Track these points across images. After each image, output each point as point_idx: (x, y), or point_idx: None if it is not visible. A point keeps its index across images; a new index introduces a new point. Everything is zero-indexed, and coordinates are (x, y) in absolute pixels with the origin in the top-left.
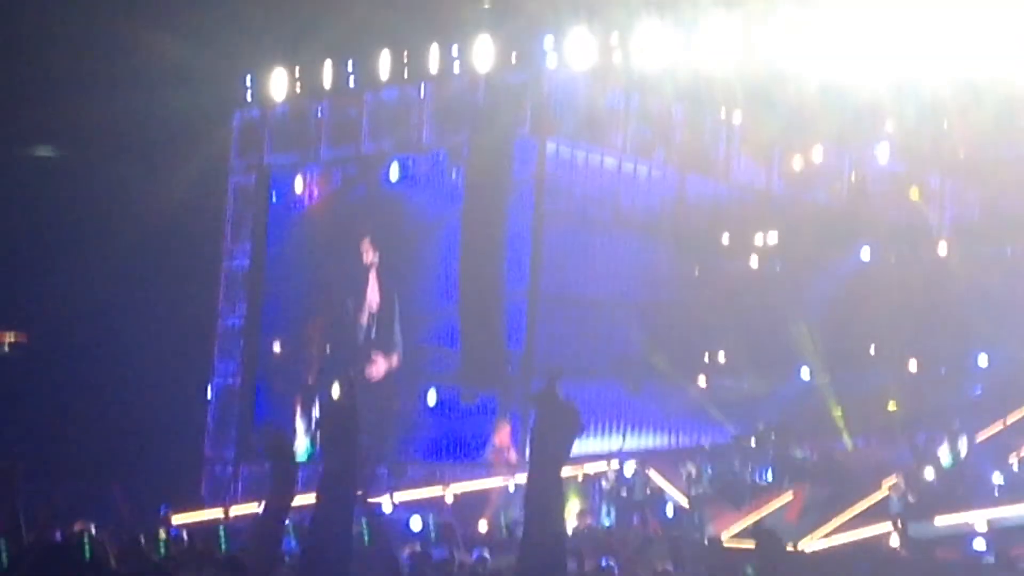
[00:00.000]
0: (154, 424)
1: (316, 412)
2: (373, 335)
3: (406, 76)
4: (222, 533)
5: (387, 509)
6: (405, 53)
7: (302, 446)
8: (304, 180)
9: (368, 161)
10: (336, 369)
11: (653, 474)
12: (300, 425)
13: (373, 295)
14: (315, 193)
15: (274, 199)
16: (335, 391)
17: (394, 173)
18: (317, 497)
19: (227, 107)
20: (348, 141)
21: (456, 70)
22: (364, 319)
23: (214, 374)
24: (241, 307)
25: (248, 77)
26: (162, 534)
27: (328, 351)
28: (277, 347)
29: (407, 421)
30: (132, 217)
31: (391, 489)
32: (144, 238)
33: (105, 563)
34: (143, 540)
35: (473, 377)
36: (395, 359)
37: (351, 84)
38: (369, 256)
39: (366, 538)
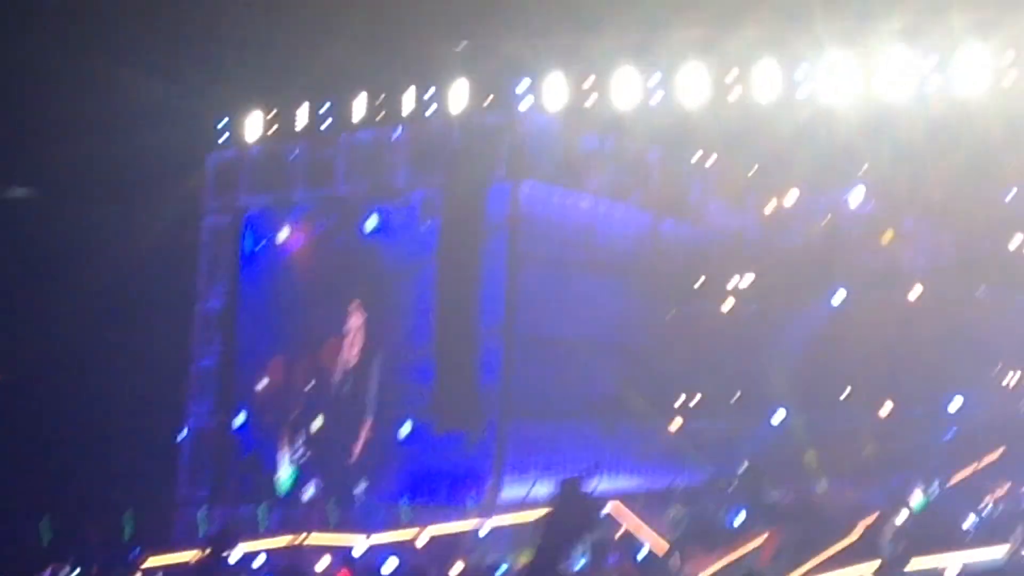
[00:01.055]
0: (127, 465)
1: (300, 444)
2: (346, 390)
3: (381, 118)
4: None
5: (359, 552)
6: (380, 95)
7: (285, 477)
8: (283, 225)
9: (345, 206)
10: (319, 405)
11: (627, 515)
12: (284, 457)
13: (352, 351)
14: (293, 237)
15: (249, 240)
16: None
17: (371, 223)
18: None
19: (202, 148)
20: (323, 183)
21: (431, 113)
22: (339, 372)
23: (188, 415)
24: (215, 348)
25: (223, 119)
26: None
27: (312, 388)
28: (261, 385)
29: (381, 457)
30: (105, 258)
31: (365, 530)
32: (118, 279)
33: None
34: None
35: (447, 417)
36: (367, 424)
37: (326, 126)
38: (356, 319)
39: None
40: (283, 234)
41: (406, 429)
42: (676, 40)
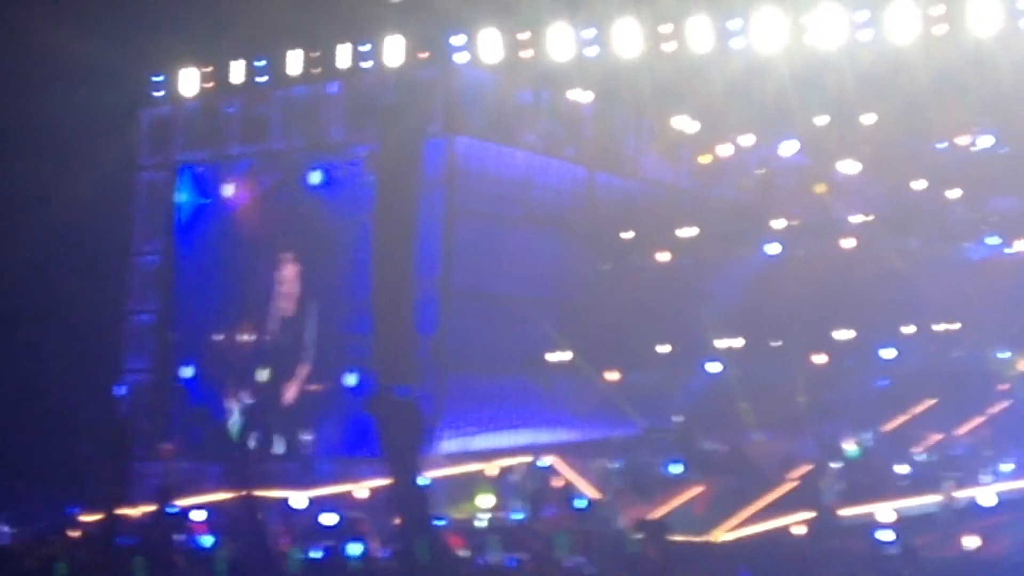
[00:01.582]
0: (64, 420)
1: (247, 397)
2: (285, 340)
3: (317, 73)
4: None
5: (300, 505)
6: (316, 51)
7: (236, 427)
8: (222, 180)
9: (289, 161)
10: (263, 356)
11: (564, 468)
12: (235, 408)
13: (288, 302)
14: (237, 193)
15: (187, 196)
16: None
17: (315, 177)
18: None
19: (137, 105)
20: (259, 138)
21: (366, 68)
22: (277, 322)
23: (126, 369)
24: (152, 303)
25: (158, 75)
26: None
27: (255, 339)
28: (204, 338)
29: (327, 409)
30: (41, 214)
31: (304, 485)
32: (54, 235)
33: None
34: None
35: (386, 371)
36: (305, 370)
37: (262, 82)
38: (289, 269)
39: None
40: (227, 190)
41: (352, 380)
42: None
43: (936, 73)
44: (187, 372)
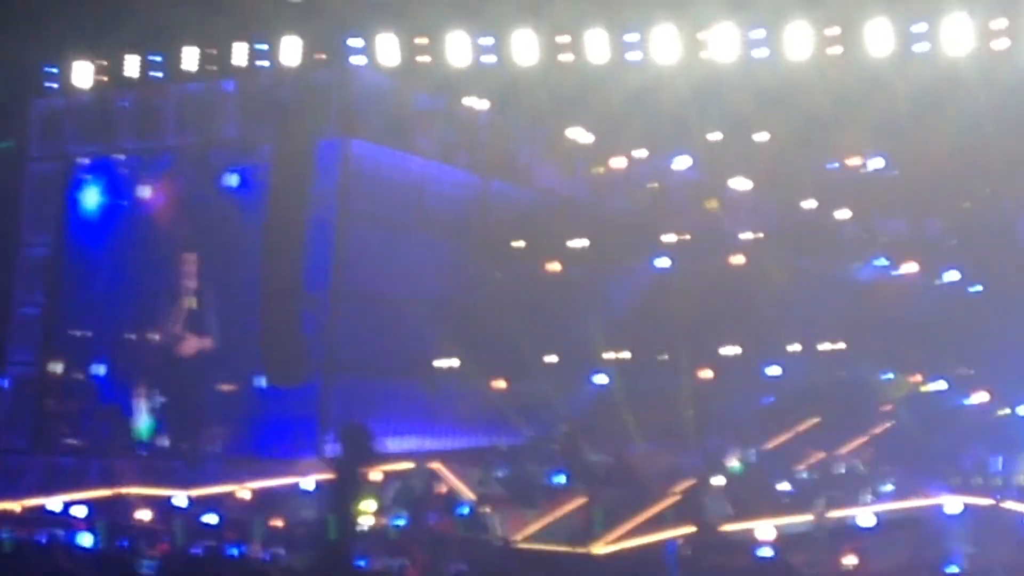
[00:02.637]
0: None
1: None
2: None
3: (213, 70)
4: None
5: (181, 503)
6: (212, 48)
7: (145, 427)
8: (116, 174)
9: (188, 159)
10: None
11: (448, 474)
12: (143, 406)
13: (191, 301)
14: (148, 192)
15: (79, 189)
16: None
17: (231, 179)
18: None
19: (26, 95)
20: (153, 133)
21: (262, 67)
22: (181, 316)
23: (9, 363)
24: (39, 296)
25: (51, 66)
26: None
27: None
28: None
29: (229, 410)
30: None
31: (188, 484)
32: None
33: None
34: None
35: (275, 374)
36: (208, 341)
37: (157, 77)
38: (191, 267)
39: None
40: (144, 190)
41: (264, 381)
42: (509, 2)
43: (830, 93)
44: (100, 369)
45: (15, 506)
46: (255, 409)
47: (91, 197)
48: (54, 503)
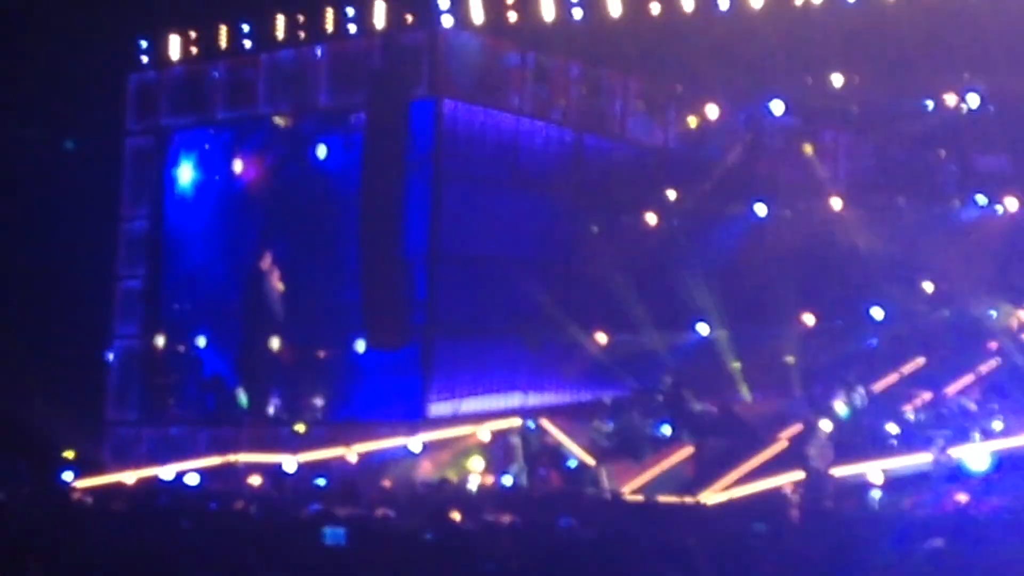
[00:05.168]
0: (54, 389)
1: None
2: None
3: (302, 37)
4: None
5: (290, 469)
6: (301, 14)
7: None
8: (212, 147)
9: (293, 136)
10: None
11: (554, 430)
12: (247, 376)
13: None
14: (243, 166)
15: (175, 162)
16: None
17: (322, 152)
18: None
19: (123, 70)
20: (245, 103)
21: (352, 31)
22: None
23: (114, 336)
24: (141, 269)
25: (144, 39)
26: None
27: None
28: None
29: (333, 375)
30: (29, 179)
31: (295, 449)
32: (41, 201)
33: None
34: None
35: (377, 337)
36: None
37: (247, 46)
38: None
39: None
40: (237, 165)
41: (361, 346)
42: None
43: (920, 30)
44: (201, 341)
45: (129, 476)
46: (358, 374)
47: (187, 169)
48: (167, 472)
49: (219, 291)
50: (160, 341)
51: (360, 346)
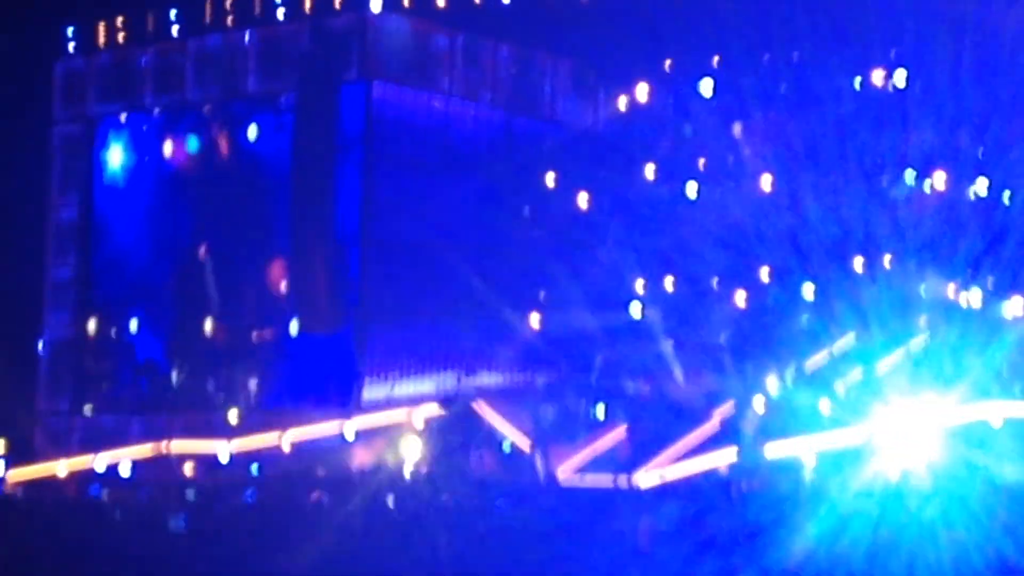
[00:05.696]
0: None
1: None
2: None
3: (230, 22)
4: None
5: (224, 459)
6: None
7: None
8: (141, 133)
9: (224, 116)
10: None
11: (488, 412)
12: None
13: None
14: (153, 144)
15: (104, 149)
16: None
17: (252, 132)
18: None
19: (49, 57)
20: (173, 89)
21: (280, 16)
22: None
23: (45, 325)
24: (71, 257)
25: (70, 27)
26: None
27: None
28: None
29: (265, 360)
30: None
31: (228, 437)
32: None
33: None
34: None
35: (310, 321)
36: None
37: (175, 32)
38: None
39: None
40: (167, 149)
41: (294, 329)
42: None
43: (851, 8)
44: (133, 326)
45: (61, 466)
46: (292, 357)
47: (116, 156)
48: (99, 462)
49: (151, 276)
50: (92, 327)
51: (293, 329)
